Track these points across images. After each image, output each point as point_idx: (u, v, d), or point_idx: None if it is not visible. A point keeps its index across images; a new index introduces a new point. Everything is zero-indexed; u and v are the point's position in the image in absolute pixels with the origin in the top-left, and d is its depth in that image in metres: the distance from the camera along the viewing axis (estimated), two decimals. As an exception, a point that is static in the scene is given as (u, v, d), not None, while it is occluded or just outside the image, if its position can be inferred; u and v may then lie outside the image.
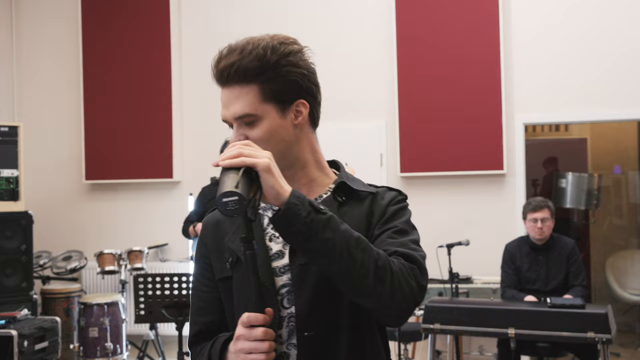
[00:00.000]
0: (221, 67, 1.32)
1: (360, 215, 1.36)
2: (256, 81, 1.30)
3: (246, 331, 1.21)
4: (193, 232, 4.40)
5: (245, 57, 1.29)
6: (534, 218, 4.26)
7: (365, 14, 5.63)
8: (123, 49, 6.08)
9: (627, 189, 7.42)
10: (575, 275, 4.25)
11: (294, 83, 1.34)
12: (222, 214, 1.15)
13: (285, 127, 1.35)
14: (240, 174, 1.16)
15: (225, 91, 1.33)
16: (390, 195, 1.41)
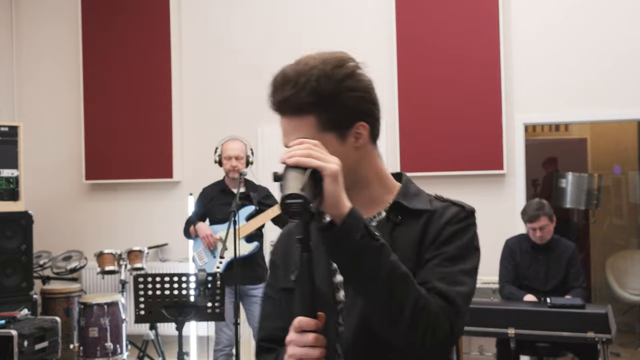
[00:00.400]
0: (276, 100, 1.30)
1: (413, 236, 1.30)
2: (313, 113, 1.28)
3: (297, 337, 1.18)
4: (193, 232, 4.39)
5: (299, 91, 1.26)
6: (532, 227, 4.27)
7: (365, 14, 5.63)
8: (123, 49, 6.08)
9: (627, 189, 7.42)
10: (575, 277, 4.25)
11: (351, 109, 1.31)
12: (284, 214, 1.12)
13: (345, 152, 1.31)
14: (308, 175, 1.13)
15: (282, 120, 1.32)
16: (451, 212, 1.33)
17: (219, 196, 4.41)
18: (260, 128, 5.74)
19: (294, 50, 5.85)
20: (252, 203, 4.32)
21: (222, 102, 5.95)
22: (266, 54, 5.84)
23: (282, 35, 5.81)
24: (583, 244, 7.02)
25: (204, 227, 4.33)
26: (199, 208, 4.48)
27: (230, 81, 5.92)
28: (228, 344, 4.25)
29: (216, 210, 4.38)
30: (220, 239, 4.25)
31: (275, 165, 1.19)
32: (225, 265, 4.18)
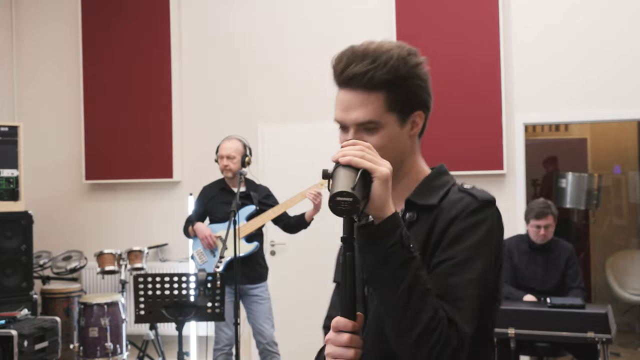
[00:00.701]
0: (351, 72, 1.31)
1: (423, 233, 1.29)
2: (384, 90, 1.31)
3: (334, 336, 1.20)
4: (192, 231, 4.39)
5: (379, 67, 1.30)
6: (537, 225, 4.26)
7: (365, 14, 5.62)
8: (123, 49, 6.08)
9: (627, 189, 7.42)
10: (573, 277, 4.26)
11: (416, 95, 1.35)
12: (331, 211, 1.13)
13: (402, 137, 1.35)
14: (359, 175, 1.14)
15: (347, 93, 1.33)
16: (461, 205, 1.29)
17: (219, 195, 4.41)
18: (260, 128, 5.74)
19: (294, 50, 5.88)
20: (252, 202, 4.32)
21: (222, 102, 5.95)
22: (266, 54, 5.84)
23: (282, 35, 5.81)
24: (583, 244, 7.02)
25: (203, 227, 4.33)
26: (199, 207, 4.48)
27: (230, 81, 5.92)
28: (227, 344, 4.25)
29: (216, 209, 4.38)
30: (220, 238, 4.25)
31: (275, 165, 1.19)
32: (225, 264, 4.18)
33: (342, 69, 1.32)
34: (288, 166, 5.50)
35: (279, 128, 5.71)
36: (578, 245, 5.61)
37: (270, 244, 5.58)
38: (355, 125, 1.32)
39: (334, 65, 1.35)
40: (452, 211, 1.28)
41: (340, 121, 1.35)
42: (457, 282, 1.23)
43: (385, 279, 1.18)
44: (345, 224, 1.21)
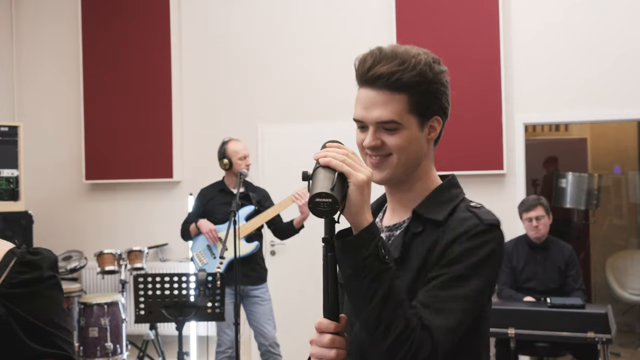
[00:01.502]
0: (377, 72, 1.32)
1: (423, 249, 1.30)
2: (408, 92, 1.32)
3: (317, 337, 1.23)
4: (195, 230, 4.38)
5: (408, 70, 1.32)
6: (528, 217, 4.30)
7: (365, 14, 5.62)
8: (123, 49, 6.08)
9: (627, 189, 7.42)
10: (575, 279, 4.26)
11: (437, 100, 1.37)
12: (312, 212, 1.15)
13: (420, 140, 1.37)
14: (336, 177, 1.15)
15: (370, 92, 1.34)
16: (467, 226, 1.28)
17: (218, 196, 4.41)
18: (260, 128, 5.75)
19: (294, 50, 5.87)
20: (251, 203, 4.32)
21: (222, 102, 5.95)
22: (266, 54, 5.84)
23: (282, 35, 5.81)
24: (583, 244, 7.02)
25: (207, 222, 4.32)
26: (198, 208, 4.47)
27: (230, 81, 5.92)
28: (230, 346, 4.24)
29: (215, 210, 4.38)
30: (220, 239, 4.25)
31: (275, 165, 1.20)
32: (225, 265, 4.18)
33: (368, 67, 1.34)
34: (288, 166, 5.50)
35: (279, 128, 5.71)
36: (578, 245, 5.61)
37: (270, 244, 5.58)
38: (375, 123, 1.33)
39: (360, 63, 1.37)
40: (457, 230, 1.28)
41: (360, 119, 1.36)
42: (446, 295, 1.23)
43: (360, 290, 1.19)
44: (326, 225, 1.22)
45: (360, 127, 1.38)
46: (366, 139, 1.34)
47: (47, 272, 1.54)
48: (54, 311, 1.53)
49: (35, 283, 1.52)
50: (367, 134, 1.35)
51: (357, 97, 1.38)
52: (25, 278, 1.50)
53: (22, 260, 1.53)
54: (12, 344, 1.44)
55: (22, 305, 1.48)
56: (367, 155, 1.37)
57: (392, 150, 1.33)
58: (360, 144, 1.38)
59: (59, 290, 1.58)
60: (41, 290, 1.52)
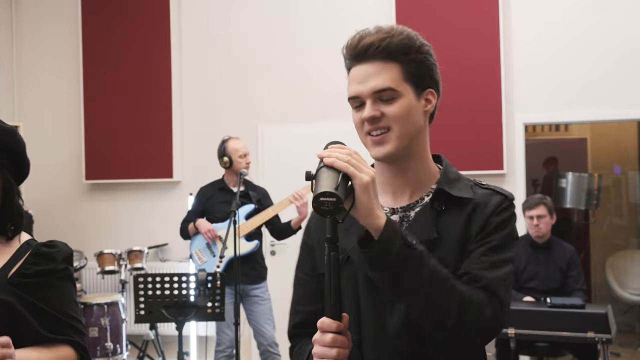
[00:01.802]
0: (367, 42, 1.32)
1: (459, 224, 1.32)
2: (399, 60, 1.33)
3: (319, 336, 1.22)
4: (193, 229, 4.38)
5: (395, 36, 1.33)
6: (530, 215, 4.31)
7: (365, 14, 5.62)
8: (123, 49, 6.08)
9: (627, 189, 7.42)
10: (576, 280, 4.26)
11: (429, 70, 1.39)
12: (315, 211, 1.14)
13: (418, 110, 1.37)
14: (340, 176, 1.15)
15: (363, 67, 1.33)
16: (495, 201, 1.34)
17: (217, 195, 4.41)
18: (260, 128, 5.75)
19: (294, 50, 5.87)
20: (251, 202, 4.32)
21: (222, 102, 5.95)
22: (266, 54, 5.84)
23: (282, 35, 5.81)
24: (583, 244, 7.01)
25: (205, 222, 4.33)
26: (197, 206, 4.48)
27: (230, 81, 5.92)
28: (229, 345, 4.25)
29: (215, 209, 4.38)
30: (219, 237, 4.26)
31: (275, 165, 1.20)
32: (225, 264, 4.18)
33: (357, 41, 1.33)
34: (288, 166, 5.50)
35: (279, 128, 5.71)
36: (578, 245, 5.60)
37: (271, 244, 5.58)
38: (372, 94, 1.32)
39: (348, 43, 1.36)
40: (489, 206, 1.33)
41: (356, 94, 1.34)
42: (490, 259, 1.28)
43: (403, 287, 1.19)
44: (329, 224, 1.21)
45: (356, 106, 1.36)
46: (365, 111, 1.33)
47: (60, 264, 1.59)
48: (65, 301, 1.60)
49: (48, 274, 1.57)
50: (361, 111, 1.34)
51: (349, 78, 1.37)
52: (38, 269, 1.55)
53: (37, 252, 1.58)
54: (24, 330, 1.50)
55: (34, 294, 1.53)
56: (368, 135, 1.35)
57: (392, 121, 1.32)
58: (358, 122, 1.36)
59: (71, 282, 1.65)
60: (53, 281, 1.59)
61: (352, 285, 1.35)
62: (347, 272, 1.35)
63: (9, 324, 1.49)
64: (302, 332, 1.44)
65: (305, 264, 1.47)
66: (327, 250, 1.20)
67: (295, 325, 1.46)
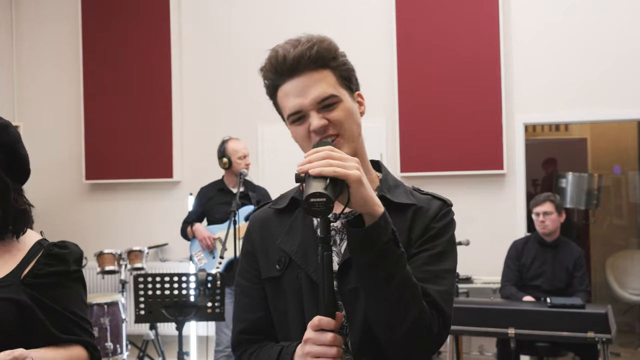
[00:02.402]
0: (296, 54, 1.32)
1: (401, 230, 1.31)
2: (330, 66, 1.34)
3: (316, 335, 1.20)
4: (191, 232, 4.39)
5: (315, 45, 1.32)
6: (536, 212, 4.33)
7: (365, 14, 5.63)
8: (123, 49, 6.08)
9: (627, 189, 7.42)
10: (580, 281, 4.26)
11: (353, 74, 1.39)
12: (307, 213, 1.14)
13: (357, 112, 1.37)
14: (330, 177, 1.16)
15: (297, 80, 1.33)
16: (435, 206, 1.36)
17: (217, 195, 4.41)
18: (260, 128, 5.74)
19: (294, 50, 5.67)
20: (251, 202, 4.32)
21: (222, 101, 5.95)
22: (266, 54, 5.83)
23: (282, 35, 5.76)
24: (583, 244, 7.01)
25: (202, 229, 4.32)
26: (197, 207, 4.48)
27: (230, 81, 5.92)
28: (228, 345, 4.25)
29: (215, 210, 4.38)
30: (219, 239, 4.25)
31: (275, 165, 1.20)
32: (224, 265, 4.17)
33: (282, 57, 1.33)
34: (288, 166, 5.48)
35: (279, 128, 5.68)
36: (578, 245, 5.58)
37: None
38: (316, 104, 1.31)
39: (271, 64, 1.37)
40: (430, 212, 1.35)
41: (298, 109, 1.34)
42: (438, 269, 1.30)
43: (378, 276, 1.20)
44: (322, 224, 1.22)
45: (295, 120, 1.36)
46: (313, 122, 1.32)
47: (72, 266, 1.61)
48: (76, 302, 1.61)
49: (60, 275, 1.59)
50: (305, 124, 1.34)
51: (281, 95, 1.37)
52: (51, 270, 1.57)
53: (49, 252, 1.59)
54: (37, 329, 1.52)
55: (45, 294, 1.55)
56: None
57: (339, 126, 1.31)
58: (304, 135, 1.35)
59: (81, 284, 1.65)
60: (65, 282, 1.60)
61: (295, 287, 1.34)
62: (291, 274, 1.35)
63: (23, 324, 1.51)
64: (248, 339, 1.42)
65: (247, 271, 1.45)
66: (321, 250, 1.20)
67: (241, 331, 1.43)
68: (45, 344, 1.54)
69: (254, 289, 1.42)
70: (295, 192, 1.44)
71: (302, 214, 1.39)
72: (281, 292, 1.37)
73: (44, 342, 1.54)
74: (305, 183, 1.17)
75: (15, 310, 1.50)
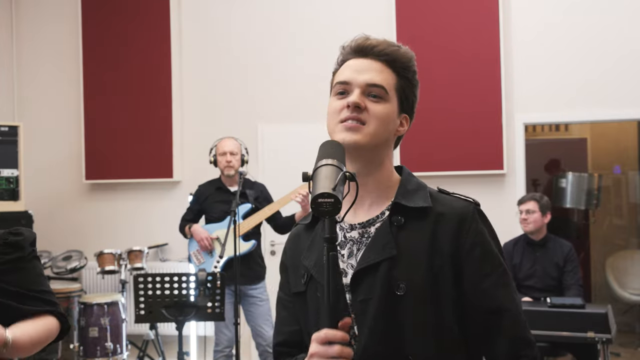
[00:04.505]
0: (375, 42, 1.36)
1: (422, 238, 1.29)
2: (398, 71, 1.36)
3: (322, 349, 1.16)
4: (189, 232, 4.39)
5: (401, 50, 1.39)
6: (520, 210, 4.43)
7: (365, 14, 5.62)
8: (123, 49, 6.08)
9: (627, 189, 7.42)
10: (571, 275, 4.26)
11: (414, 97, 1.40)
12: (315, 213, 1.15)
13: (395, 123, 1.37)
14: (339, 176, 1.17)
15: (363, 60, 1.35)
16: (459, 210, 1.33)
17: (214, 194, 4.40)
18: (260, 128, 5.74)
19: (294, 50, 5.87)
20: (248, 201, 4.31)
21: (222, 101, 5.95)
22: (266, 54, 5.84)
23: (282, 35, 5.81)
24: (583, 244, 7.01)
25: (200, 230, 4.32)
26: (194, 205, 4.48)
27: (230, 81, 5.92)
28: (227, 345, 4.25)
29: (212, 208, 4.38)
30: (217, 239, 4.25)
31: (275, 164, 1.20)
32: (223, 264, 4.18)
33: (365, 40, 1.36)
34: (288, 166, 5.50)
35: (279, 128, 5.71)
36: (578, 245, 5.60)
37: (270, 244, 5.58)
38: (365, 85, 1.32)
39: (354, 39, 1.37)
40: (454, 216, 1.31)
41: (348, 80, 1.34)
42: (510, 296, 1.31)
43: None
44: (328, 224, 1.20)
45: (339, 92, 1.35)
46: (352, 96, 1.31)
47: (28, 249, 1.69)
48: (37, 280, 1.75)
49: (18, 261, 1.71)
50: (344, 99, 1.33)
51: (343, 67, 1.37)
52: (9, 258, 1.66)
53: (5, 242, 1.67)
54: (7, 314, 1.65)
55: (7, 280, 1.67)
56: (341, 123, 1.32)
57: (372, 118, 1.30)
58: (338, 108, 1.33)
59: (37, 261, 1.79)
60: (23, 265, 1.72)
61: (315, 302, 1.33)
62: (312, 289, 1.35)
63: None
64: (286, 352, 1.44)
65: (285, 285, 1.46)
66: (326, 250, 1.18)
67: (278, 344, 1.46)
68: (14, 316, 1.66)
69: (290, 302, 1.44)
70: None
71: (321, 228, 1.38)
72: (305, 308, 1.38)
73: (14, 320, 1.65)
74: (314, 181, 1.17)
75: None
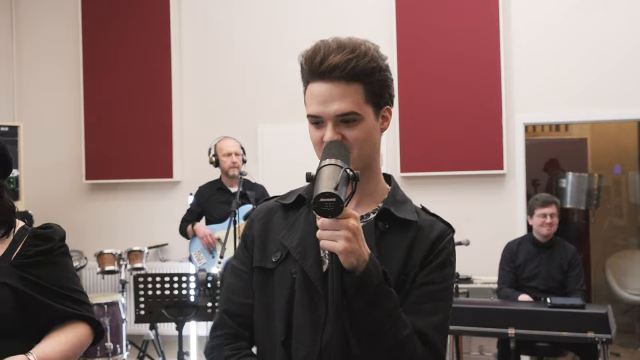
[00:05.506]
0: (332, 62, 1.27)
1: (401, 247, 1.32)
2: (363, 81, 1.30)
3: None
4: (191, 232, 4.39)
5: (360, 57, 1.29)
6: (542, 213, 4.24)
7: (365, 14, 5.62)
8: (123, 49, 6.08)
9: (627, 189, 7.42)
10: (575, 280, 4.24)
11: (388, 89, 1.36)
12: (317, 213, 1.15)
13: (376, 130, 1.35)
14: (340, 176, 1.16)
15: (325, 85, 1.29)
16: (438, 229, 1.35)
17: (215, 195, 4.41)
18: (260, 128, 5.74)
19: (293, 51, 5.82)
20: (249, 202, 4.32)
21: (222, 102, 5.95)
22: (266, 55, 5.84)
23: (282, 35, 5.81)
24: (583, 244, 7.01)
25: (202, 227, 4.33)
26: (195, 207, 4.48)
27: (230, 81, 5.92)
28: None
29: (213, 209, 4.38)
30: (218, 239, 4.25)
31: (275, 164, 1.20)
32: (224, 265, 4.18)
33: (320, 60, 1.28)
34: (288, 166, 5.50)
35: (279, 128, 5.71)
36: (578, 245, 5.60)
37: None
38: (335, 117, 1.29)
39: (308, 58, 1.31)
40: (433, 233, 1.34)
41: (317, 115, 1.31)
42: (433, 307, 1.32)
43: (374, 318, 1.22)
44: None
45: (315, 122, 1.33)
46: (327, 134, 1.29)
47: (58, 242, 1.65)
48: (68, 276, 1.69)
49: (48, 253, 1.66)
50: (323, 130, 1.31)
51: (308, 93, 1.33)
52: (39, 250, 1.64)
53: (35, 234, 1.66)
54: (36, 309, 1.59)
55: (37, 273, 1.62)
56: None
57: (352, 145, 1.30)
58: (317, 139, 1.33)
59: (69, 257, 1.73)
60: (53, 258, 1.67)
61: (287, 283, 1.33)
62: (284, 269, 1.34)
63: (20, 306, 1.57)
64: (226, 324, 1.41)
65: (244, 255, 1.43)
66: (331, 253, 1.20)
67: (226, 311, 1.42)
68: (47, 320, 1.61)
69: (246, 274, 1.42)
70: (304, 190, 1.43)
71: (306, 212, 1.38)
72: (269, 286, 1.36)
73: (46, 319, 1.61)
74: (316, 181, 1.17)
75: (10, 293, 1.56)
